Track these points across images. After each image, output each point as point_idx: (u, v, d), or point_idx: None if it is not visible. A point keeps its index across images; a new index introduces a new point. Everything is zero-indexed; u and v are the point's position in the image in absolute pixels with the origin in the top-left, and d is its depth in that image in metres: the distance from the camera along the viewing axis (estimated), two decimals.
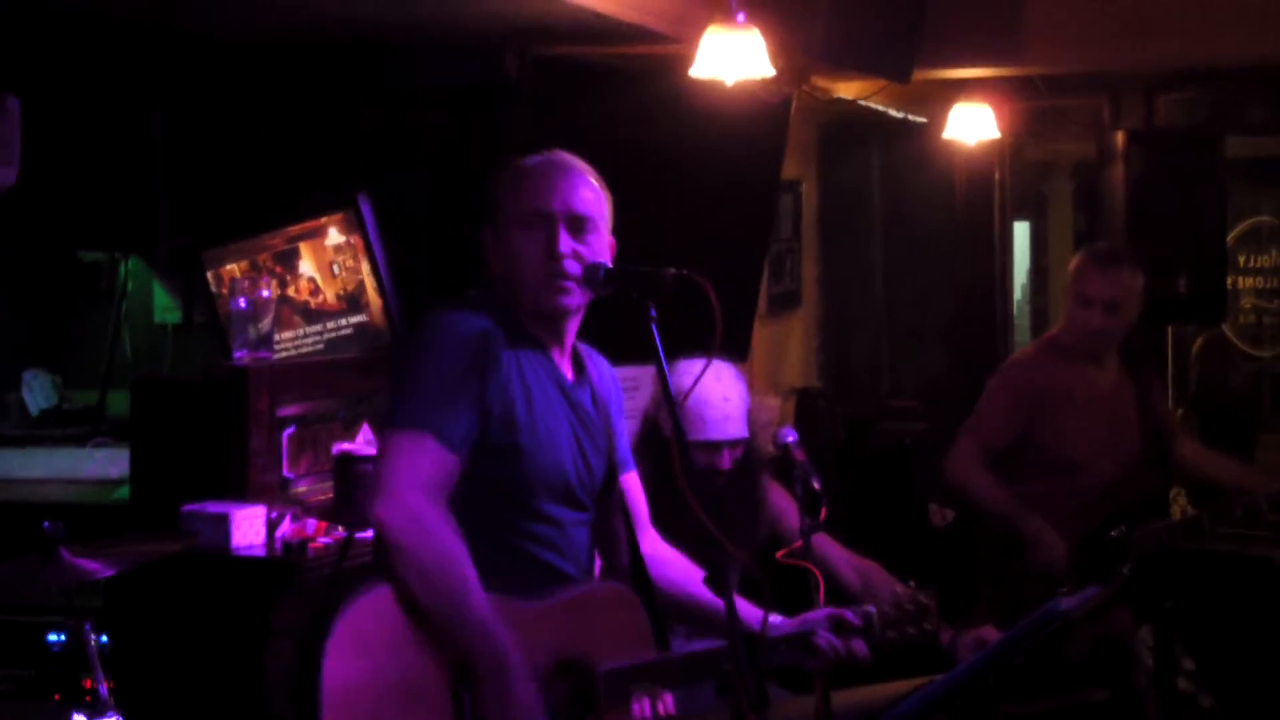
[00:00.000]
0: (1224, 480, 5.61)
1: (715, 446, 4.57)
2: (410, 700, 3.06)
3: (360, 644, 3.03)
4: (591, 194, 3.46)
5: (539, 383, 3.37)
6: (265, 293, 5.24)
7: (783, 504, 4.72)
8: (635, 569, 3.61)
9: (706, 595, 3.74)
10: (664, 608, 3.56)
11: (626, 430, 3.77)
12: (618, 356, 3.74)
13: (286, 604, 4.63)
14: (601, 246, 3.46)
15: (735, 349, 4.72)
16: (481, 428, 3.24)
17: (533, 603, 3.26)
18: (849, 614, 3.65)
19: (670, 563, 3.74)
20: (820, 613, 3.66)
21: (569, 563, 3.41)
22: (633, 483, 3.72)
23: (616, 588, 3.50)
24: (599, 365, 3.64)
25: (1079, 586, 4.98)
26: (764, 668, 3.47)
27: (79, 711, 4.28)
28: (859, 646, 3.63)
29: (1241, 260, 9.06)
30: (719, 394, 4.60)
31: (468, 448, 3.22)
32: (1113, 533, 5.35)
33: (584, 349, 3.61)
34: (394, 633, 3.07)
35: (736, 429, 4.61)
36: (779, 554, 3.87)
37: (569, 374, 3.49)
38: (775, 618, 3.61)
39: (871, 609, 3.68)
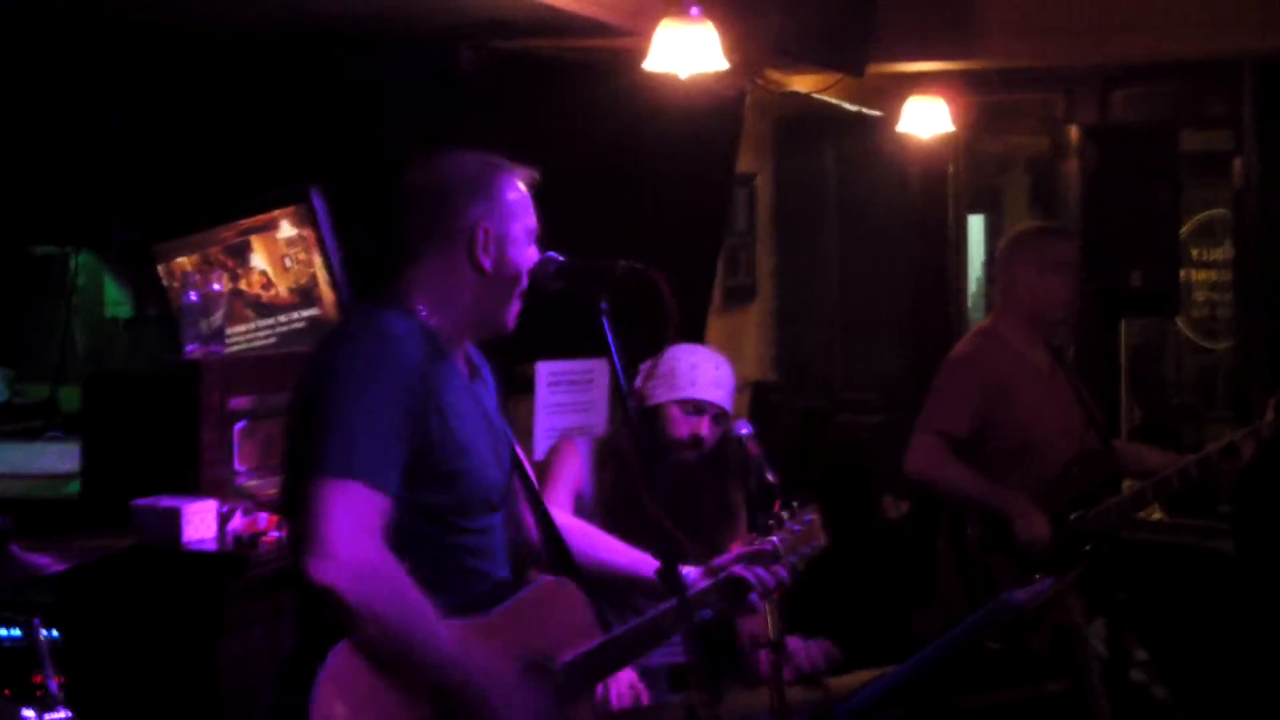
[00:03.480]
0: (1158, 466, 5.65)
1: (701, 408, 4.54)
2: None
3: (347, 694, 2.93)
4: None
5: (458, 396, 3.24)
6: (217, 286, 5.21)
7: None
8: (552, 548, 3.57)
9: (613, 557, 3.79)
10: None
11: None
12: (568, 350, 3.73)
13: (238, 599, 4.61)
14: None
15: (690, 342, 4.70)
16: (418, 460, 3.10)
17: (481, 616, 3.21)
18: (757, 546, 3.70)
19: (574, 532, 3.74)
20: (729, 555, 3.70)
21: (500, 566, 3.37)
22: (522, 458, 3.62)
23: (552, 582, 3.45)
24: (473, 350, 3.48)
25: (1039, 575, 5.03)
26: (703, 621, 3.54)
27: (28, 707, 4.24)
28: (779, 572, 3.67)
29: (1195, 254, 9.10)
30: (713, 360, 4.62)
31: (401, 484, 3.07)
32: (1070, 517, 5.37)
33: None
34: (373, 683, 2.98)
35: (724, 398, 4.57)
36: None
37: (467, 373, 3.37)
38: (691, 572, 3.65)
39: (774, 538, 3.72)
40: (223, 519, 4.79)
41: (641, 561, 3.77)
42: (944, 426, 5.53)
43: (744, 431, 4.02)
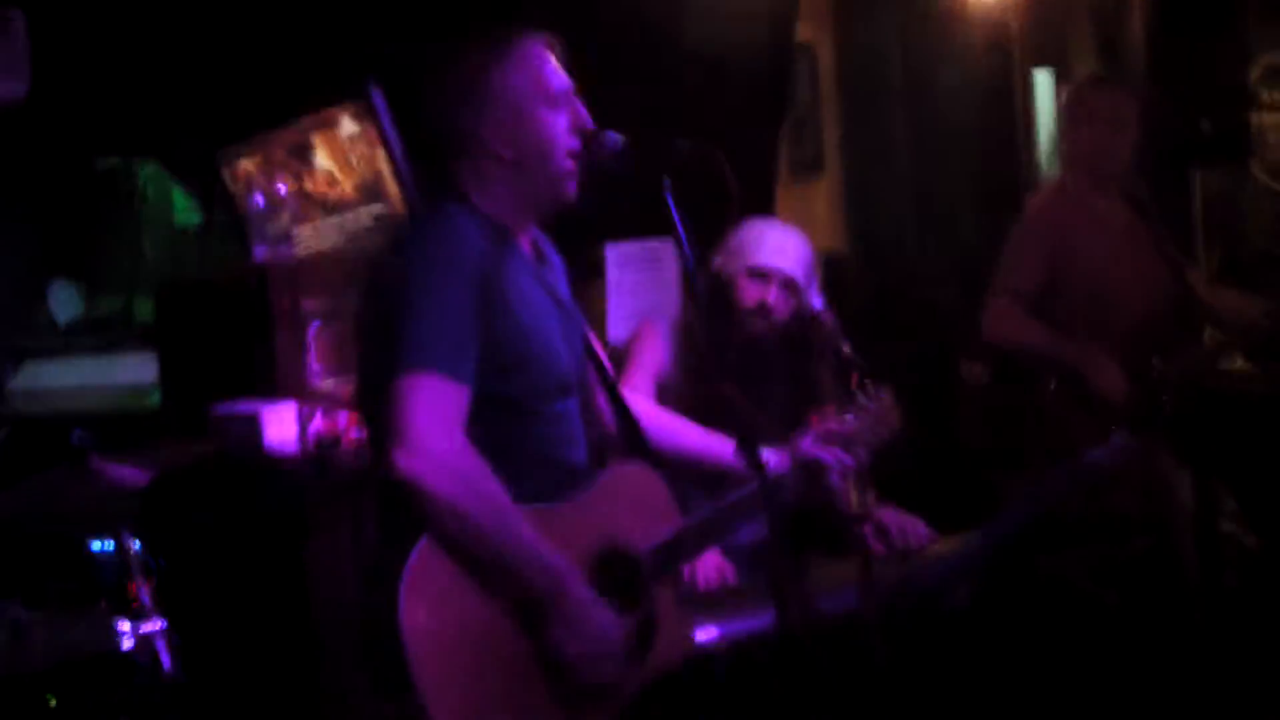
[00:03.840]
0: (1242, 312, 5.58)
1: (767, 274, 4.48)
2: (489, 642, 3.01)
3: (430, 595, 2.93)
4: None
5: (525, 283, 3.24)
6: (282, 188, 5.19)
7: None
8: (628, 434, 3.56)
9: (691, 441, 3.77)
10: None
11: None
12: (636, 231, 3.69)
13: (322, 501, 4.63)
14: None
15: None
16: (490, 351, 3.11)
17: (560, 505, 3.20)
18: (833, 425, 3.68)
19: (650, 417, 3.73)
20: (807, 436, 3.69)
21: (578, 453, 3.35)
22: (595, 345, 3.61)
23: (630, 467, 3.44)
24: (540, 236, 3.47)
25: (1123, 430, 4.98)
26: (785, 503, 3.55)
27: (123, 618, 4.28)
28: (857, 452, 3.66)
29: (1265, 97, 8.94)
30: (779, 228, 4.59)
31: (475, 376, 3.07)
32: (1151, 369, 5.31)
33: None
34: (456, 581, 2.98)
35: (791, 266, 4.50)
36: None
37: (534, 259, 3.36)
38: (770, 454, 3.61)
39: (849, 416, 3.71)
40: (303, 421, 4.80)
41: (720, 445, 3.75)
42: (1015, 284, 5.48)
43: (818, 306, 3.99)
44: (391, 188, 5.64)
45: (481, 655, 2.99)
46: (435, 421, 2.97)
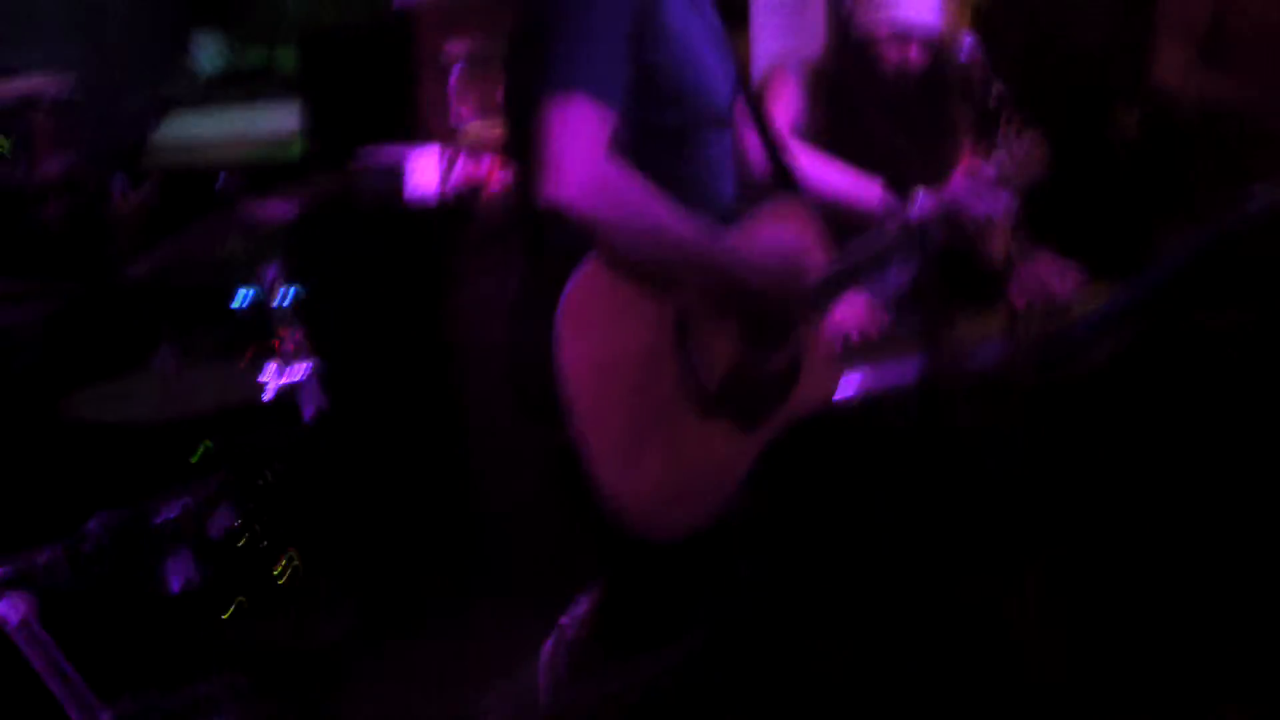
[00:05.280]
0: None
1: (905, 37, 4.28)
2: (646, 372, 3.01)
3: (588, 322, 2.92)
4: None
5: (682, 10, 3.15)
6: None
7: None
8: (778, 170, 3.50)
9: (837, 182, 3.71)
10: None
11: None
12: None
13: (464, 249, 4.63)
14: None
15: None
16: (645, 78, 3.05)
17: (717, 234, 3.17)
18: (980, 167, 3.62)
19: (799, 156, 3.65)
20: (953, 179, 3.65)
21: (729, 183, 3.30)
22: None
23: (782, 201, 3.39)
24: None
25: None
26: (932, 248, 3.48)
27: (273, 360, 4.33)
28: (1004, 195, 3.60)
29: None
30: None
31: (629, 102, 3.00)
32: None
33: None
34: (613, 308, 2.98)
35: (934, 20, 4.30)
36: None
37: None
38: (917, 196, 3.56)
39: (998, 160, 3.64)
40: (447, 166, 4.77)
41: (868, 187, 3.70)
42: (1182, 24, 5.16)
43: (966, 44, 3.88)
44: None
45: (638, 382, 3.00)
46: (580, 145, 2.91)
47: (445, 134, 4.87)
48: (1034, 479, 4.00)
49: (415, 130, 4.83)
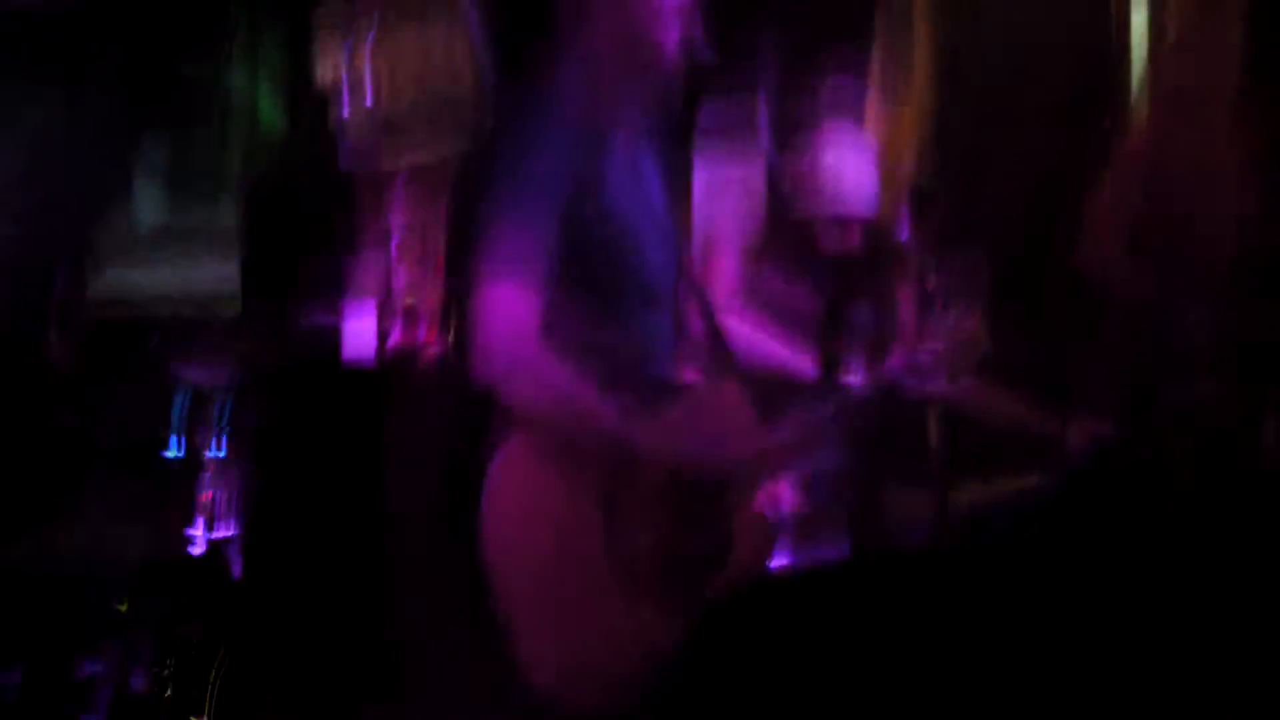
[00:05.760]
0: None
1: (844, 222, 4.40)
2: (572, 535, 3.07)
3: (511, 494, 3.03)
4: None
5: (619, 186, 3.22)
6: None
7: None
8: (715, 345, 3.53)
9: (773, 359, 3.74)
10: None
11: None
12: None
13: (400, 411, 4.63)
14: None
15: None
16: (578, 258, 3.12)
17: (645, 418, 3.19)
18: (918, 354, 3.64)
19: (734, 329, 3.68)
20: (890, 362, 3.66)
21: (662, 360, 3.36)
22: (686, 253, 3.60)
23: (714, 383, 3.43)
24: (637, 127, 3.39)
25: None
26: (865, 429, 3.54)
27: (196, 524, 4.31)
28: (939, 383, 3.63)
29: None
30: (856, 155, 4.49)
31: (560, 283, 3.08)
32: None
33: None
34: (539, 478, 3.05)
35: (871, 202, 4.41)
36: None
37: (629, 157, 3.30)
38: (851, 379, 3.70)
39: (935, 346, 3.66)
40: (382, 332, 4.79)
41: (803, 360, 3.73)
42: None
43: (904, 224, 3.93)
44: (474, 79, 5.51)
45: (561, 554, 3.05)
46: (511, 328, 3.01)
47: (384, 296, 4.89)
48: (968, 649, 4.00)
49: (354, 291, 4.85)
